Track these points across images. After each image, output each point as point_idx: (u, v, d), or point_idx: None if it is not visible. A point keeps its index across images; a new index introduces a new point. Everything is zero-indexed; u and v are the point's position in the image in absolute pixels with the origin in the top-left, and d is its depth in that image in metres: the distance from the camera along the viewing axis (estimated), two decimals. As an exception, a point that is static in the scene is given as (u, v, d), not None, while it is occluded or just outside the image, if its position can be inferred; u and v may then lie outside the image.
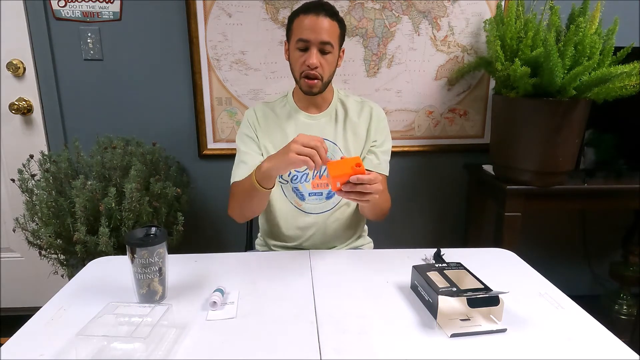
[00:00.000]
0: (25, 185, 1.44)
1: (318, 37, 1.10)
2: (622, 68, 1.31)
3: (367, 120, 1.24)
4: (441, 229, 2.02)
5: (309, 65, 1.11)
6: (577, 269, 2.08)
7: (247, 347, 0.74)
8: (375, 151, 1.25)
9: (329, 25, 1.10)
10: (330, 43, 1.11)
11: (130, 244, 0.82)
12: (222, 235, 1.93)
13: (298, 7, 1.15)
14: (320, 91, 1.17)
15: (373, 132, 1.24)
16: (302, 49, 1.12)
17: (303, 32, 1.10)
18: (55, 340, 0.74)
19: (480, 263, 0.98)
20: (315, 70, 1.12)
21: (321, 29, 1.09)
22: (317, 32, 1.09)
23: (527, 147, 1.51)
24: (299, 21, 1.12)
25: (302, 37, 1.11)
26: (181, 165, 1.85)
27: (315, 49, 1.11)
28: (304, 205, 1.23)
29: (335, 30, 1.13)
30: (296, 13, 1.14)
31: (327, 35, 1.10)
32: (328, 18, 1.10)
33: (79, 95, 1.75)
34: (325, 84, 1.17)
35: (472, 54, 1.80)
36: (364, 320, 0.82)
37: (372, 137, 1.24)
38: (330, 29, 1.11)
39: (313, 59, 1.10)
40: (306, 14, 1.10)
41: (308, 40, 1.10)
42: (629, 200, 1.62)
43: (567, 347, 0.75)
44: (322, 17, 1.10)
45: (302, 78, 1.14)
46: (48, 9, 1.67)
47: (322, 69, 1.13)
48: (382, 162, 1.25)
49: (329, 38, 1.11)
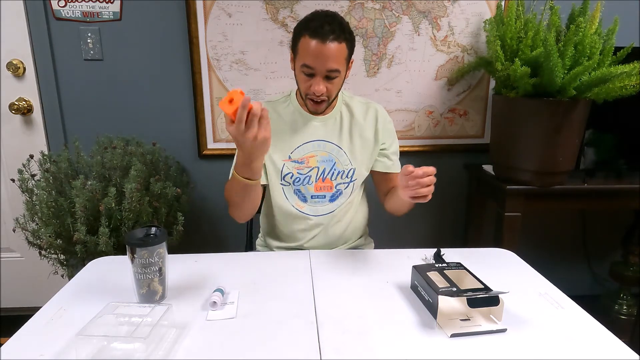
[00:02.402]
0: (25, 185, 1.44)
1: (324, 65, 1.06)
2: (622, 68, 1.31)
3: (374, 123, 1.24)
4: (441, 229, 2.02)
5: (315, 92, 1.09)
6: (577, 269, 2.08)
7: (247, 347, 0.74)
8: (386, 154, 1.27)
9: (336, 50, 1.05)
10: (337, 70, 1.07)
11: (130, 244, 0.82)
12: (222, 235, 1.93)
13: (305, 19, 1.09)
14: (326, 109, 1.17)
15: (381, 135, 1.25)
16: (307, 74, 1.09)
17: (308, 58, 1.06)
18: (55, 340, 0.74)
19: (480, 263, 0.99)
20: (321, 96, 1.11)
21: (327, 57, 1.05)
22: (324, 61, 1.05)
23: (527, 147, 1.51)
24: (305, 43, 1.06)
25: (307, 63, 1.07)
26: (181, 165, 1.85)
27: (320, 77, 1.08)
28: (305, 207, 1.23)
29: (343, 52, 1.08)
30: (303, 30, 1.07)
31: (334, 63, 1.06)
32: (335, 43, 1.05)
33: (79, 95, 1.75)
34: (331, 101, 1.16)
35: (472, 54, 1.80)
36: (364, 320, 0.82)
37: (380, 140, 1.25)
38: (337, 54, 1.06)
39: (319, 86, 1.08)
40: (313, 37, 1.04)
41: (314, 67, 1.07)
42: (629, 200, 1.62)
43: (567, 347, 0.75)
44: (329, 43, 1.04)
45: (308, 99, 1.13)
46: (48, 9, 1.67)
47: (329, 92, 1.11)
48: (394, 162, 1.29)
49: (335, 65, 1.06)
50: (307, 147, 1.21)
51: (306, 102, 1.15)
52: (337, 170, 1.22)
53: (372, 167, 1.28)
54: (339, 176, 1.22)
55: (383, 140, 1.26)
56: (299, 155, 1.21)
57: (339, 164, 1.22)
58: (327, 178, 1.22)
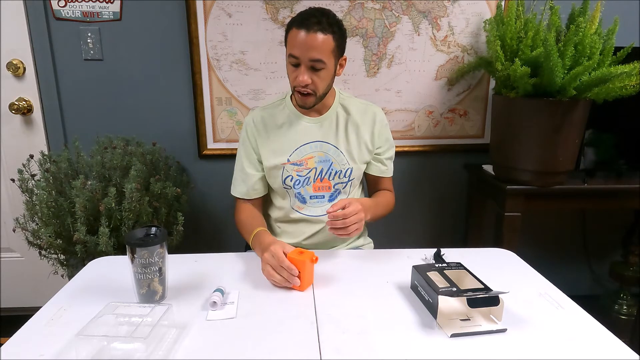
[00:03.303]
0: (25, 185, 1.44)
1: (307, 54, 1.07)
2: (622, 68, 1.31)
3: (371, 125, 1.25)
4: (441, 229, 2.02)
5: (299, 82, 1.10)
6: (577, 269, 2.08)
7: (247, 347, 0.74)
8: (381, 159, 1.29)
9: (321, 41, 1.06)
10: (321, 60, 1.07)
11: (130, 244, 0.82)
12: (222, 235, 1.93)
13: (296, 14, 1.12)
14: (314, 104, 1.17)
15: (377, 138, 1.26)
16: (293, 64, 1.11)
17: (293, 48, 1.08)
18: (55, 340, 0.74)
19: (480, 263, 0.99)
20: (306, 88, 1.11)
21: (311, 46, 1.06)
22: (307, 50, 1.06)
23: (527, 147, 1.51)
24: (292, 34, 1.08)
25: (292, 53, 1.09)
26: (181, 165, 1.85)
27: (304, 67, 1.09)
28: (305, 208, 1.24)
29: (329, 44, 1.08)
30: (292, 23, 1.10)
31: (317, 53, 1.06)
32: (320, 33, 1.05)
33: (79, 95, 1.75)
34: (320, 97, 1.16)
35: (472, 54, 1.80)
36: (364, 320, 0.82)
37: (376, 143, 1.26)
38: (322, 45, 1.06)
39: (303, 76, 1.09)
40: (299, 28, 1.06)
41: (298, 57, 1.08)
42: (629, 200, 1.62)
43: (567, 347, 0.75)
44: (313, 33, 1.05)
45: (296, 92, 1.14)
46: (48, 9, 1.67)
47: (315, 85, 1.11)
48: (388, 168, 1.32)
49: (319, 55, 1.07)
50: (305, 148, 1.21)
51: (295, 95, 1.16)
52: (334, 170, 1.22)
53: (366, 169, 1.30)
54: (337, 176, 1.23)
55: (379, 144, 1.27)
56: (297, 157, 1.21)
57: (336, 164, 1.22)
58: (325, 178, 1.22)
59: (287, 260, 0.91)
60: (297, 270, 0.91)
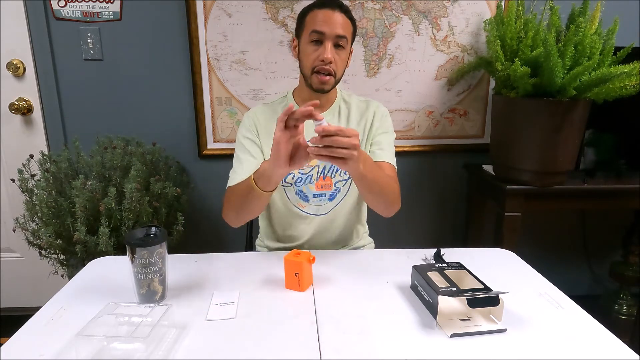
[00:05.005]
0: (25, 185, 1.44)
1: (334, 30, 1.07)
2: (622, 68, 1.31)
3: (372, 117, 1.23)
4: (441, 229, 2.02)
5: (324, 59, 1.08)
6: (577, 269, 2.08)
7: (247, 347, 0.74)
8: (380, 140, 1.21)
9: (344, 20, 1.10)
10: (345, 37, 1.09)
11: (130, 244, 0.82)
12: (222, 235, 1.93)
13: (310, 3, 1.14)
14: (331, 88, 1.15)
15: (377, 124, 1.22)
16: (316, 40, 1.09)
17: (317, 24, 1.08)
18: (55, 340, 0.74)
19: (480, 263, 0.98)
20: (329, 66, 1.09)
21: (337, 22, 1.08)
22: (333, 25, 1.08)
23: (527, 147, 1.51)
24: (313, 15, 1.10)
25: (316, 28, 1.08)
26: (181, 165, 1.85)
27: (330, 43, 1.08)
28: (307, 207, 1.23)
29: (349, 26, 1.12)
30: (310, 8, 1.12)
31: (342, 29, 1.09)
32: (343, 14, 1.10)
33: (79, 95, 1.75)
34: (337, 81, 1.15)
35: (472, 54, 1.80)
36: (364, 320, 0.82)
37: (375, 128, 1.22)
38: (345, 25, 1.10)
39: (328, 53, 1.08)
40: (321, 8, 1.09)
41: (323, 32, 1.07)
42: (629, 200, 1.62)
43: (567, 347, 0.75)
44: (339, 12, 1.09)
45: (314, 74, 1.11)
46: (48, 9, 1.67)
47: (336, 65, 1.10)
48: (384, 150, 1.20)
49: (344, 32, 1.09)
50: None
51: (312, 79, 1.12)
52: (335, 167, 1.22)
53: None
54: (338, 173, 1.22)
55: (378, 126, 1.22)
56: None
57: None
58: (327, 176, 1.22)
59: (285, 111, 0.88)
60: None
